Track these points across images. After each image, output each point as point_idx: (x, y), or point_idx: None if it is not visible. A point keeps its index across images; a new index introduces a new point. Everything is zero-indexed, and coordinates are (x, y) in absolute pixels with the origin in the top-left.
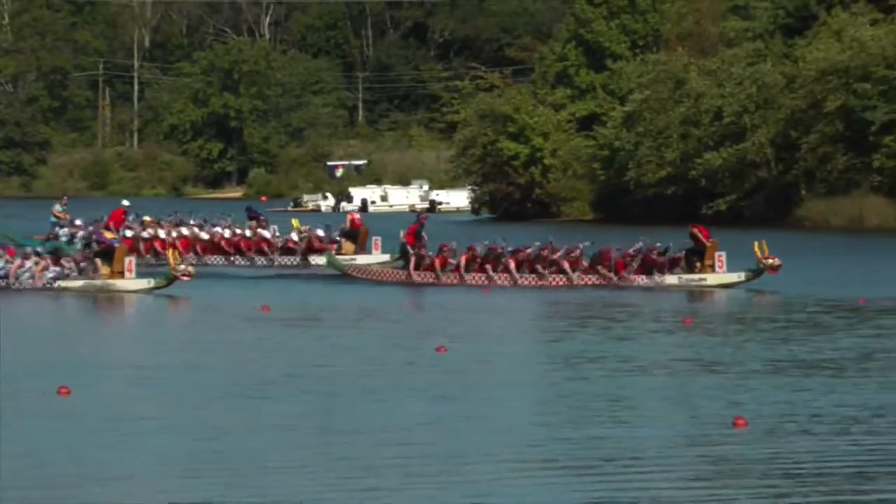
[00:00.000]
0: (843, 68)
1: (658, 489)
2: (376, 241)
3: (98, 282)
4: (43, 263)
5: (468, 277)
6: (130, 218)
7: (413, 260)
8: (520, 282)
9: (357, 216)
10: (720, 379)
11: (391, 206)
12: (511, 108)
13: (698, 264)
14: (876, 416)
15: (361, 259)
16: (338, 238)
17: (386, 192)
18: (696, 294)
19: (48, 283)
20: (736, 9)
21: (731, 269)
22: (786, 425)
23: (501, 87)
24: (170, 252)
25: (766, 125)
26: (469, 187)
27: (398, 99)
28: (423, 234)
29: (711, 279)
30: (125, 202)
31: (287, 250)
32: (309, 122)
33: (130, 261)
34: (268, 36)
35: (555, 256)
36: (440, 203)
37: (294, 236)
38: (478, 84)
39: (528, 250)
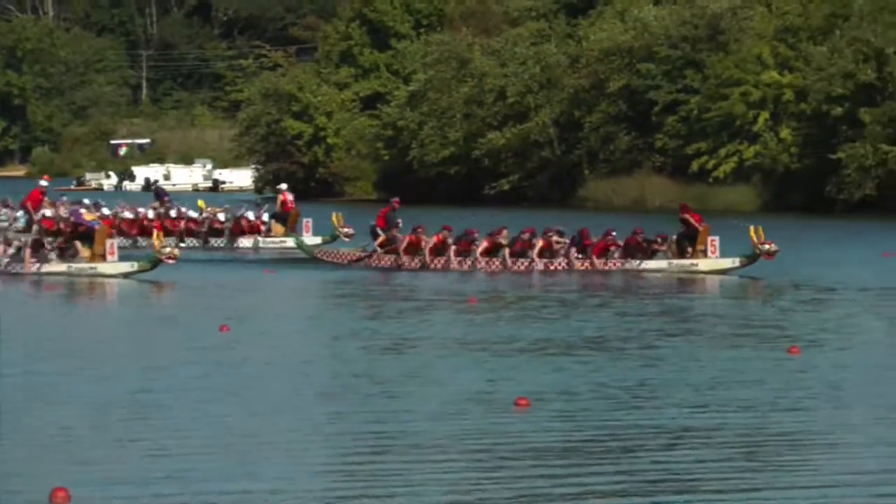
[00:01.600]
0: (626, 48)
1: (441, 474)
2: (307, 223)
3: (78, 265)
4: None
5: (442, 261)
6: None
7: (383, 240)
8: (484, 267)
9: (289, 197)
10: (497, 359)
11: (174, 185)
12: (295, 87)
13: (690, 249)
14: (643, 389)
15: (291, 241)
16: (266, 219)
17: (169, 171)
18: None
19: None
20: None
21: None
22: (567, 403)
23: (285, 66)
24: (154, 234)
25: (549, 105)
26: (252, 166)
27: (182, 77)
28: (398, 219)
29: (703, 264)
30: (43, 182)
31: (214, 231)
32: (92, 100)
33: (112, 244)
34: (51, 13)
35: (534, 241)
36: (223, 182)
37: (221, 216)
38: (262, 63)
39: (503, 233)
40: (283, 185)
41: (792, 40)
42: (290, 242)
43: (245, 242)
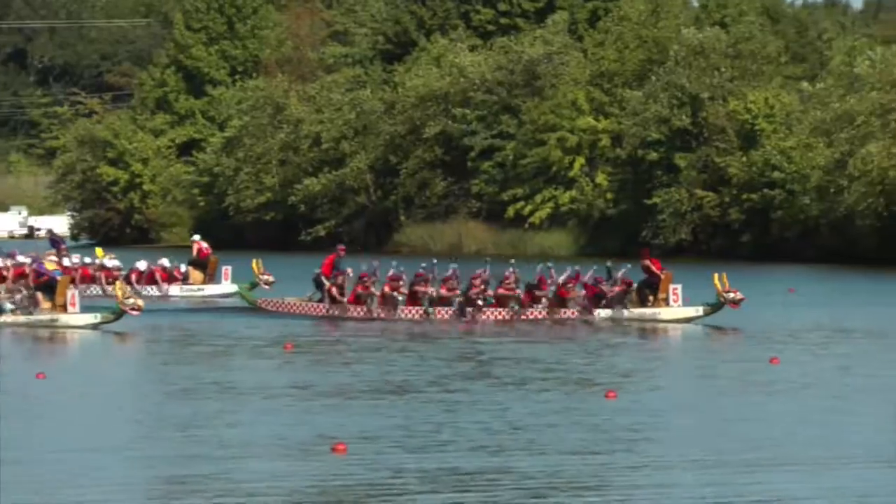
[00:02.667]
0: (442, 94)
1: None
2: (226, 270)
3: (40, 316)
4: None
5: (395, 310)
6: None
7: (334, 290)
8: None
9: (204, 245)
10: (313, 404)
11: None
12: (110, 133)
13: (651, 298)
14: (447, 432)
15: (209, 289)
16: (183, 268)
17: None
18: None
19: None
20: (335, 35)
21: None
22: (384, 447)
23: (101, 112)
24: (117, 284)
25: (365, 151)
26: (68, 213)
27: None
28: (344, 267)
29: (666, 313)
30: None
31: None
32: None
33: (73, 294)
34: None
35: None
36: (38, 229)
37: (141, 266)
38: (77, 110)
39: (451, 275)
40: (197, 236)
41: (607, 86)
42: (209, 290)
43: (152, 291)
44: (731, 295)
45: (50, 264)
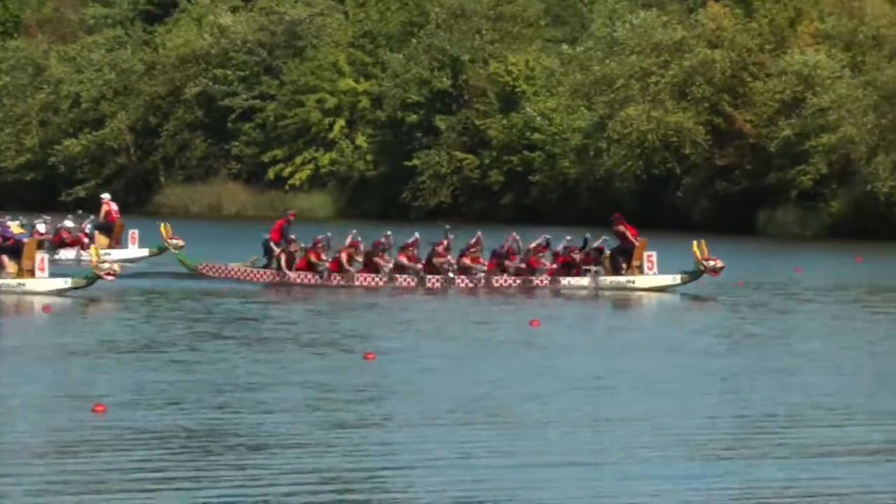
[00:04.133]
0: (203, 55)
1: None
2: (133, 234)
3: (5, 281)
4: None
5: (353, 276)
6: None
7: (283, 257)
8: (402, 283)
9: (113, 207)
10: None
11: None
12: None
13: (624, 265)
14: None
15: (117, 254)
16: (88, 230)
17: None
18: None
19: None
20: None
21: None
22: (143, 404)
23: None
24: (92, 249)
25: (125, 112)
26: None
27: None
28: (290, 231)
29: (641, 281)
30: None
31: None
32: None
33: (42, 258)
34: None
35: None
36: None
37: (41, 228)
38: None
39: (412, 242)
40: (106, 195)
41: (369, 47)
42: (115, 254)
43: (67, 255)
44: (711, 263)
45: (16, 229)
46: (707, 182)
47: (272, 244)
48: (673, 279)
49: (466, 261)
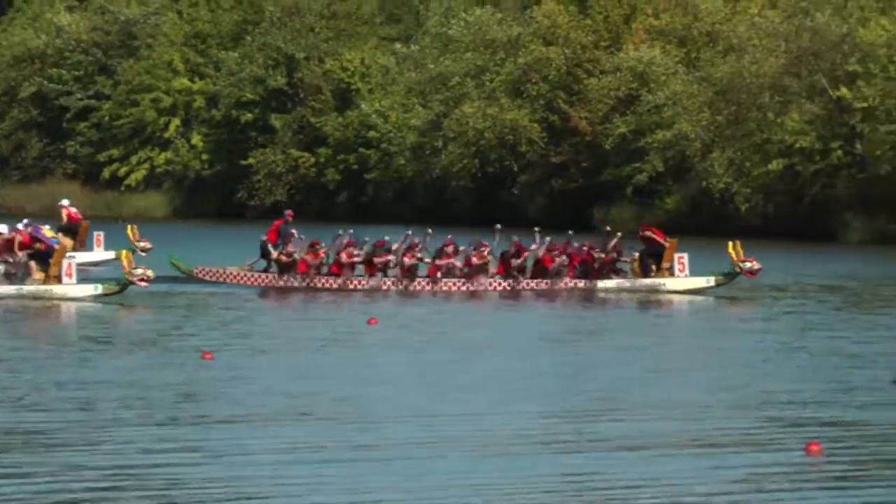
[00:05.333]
0: (38, 54)
1: None
2: (98, 236)
3: (33, 287)
4: None
5: (350, 280)
6: None
7: (283, 260)
8: (411, 287)
9: (73, 210)
10: None
11: None
12: None
13: (654, 267)
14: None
15: (81, 256)
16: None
17: None
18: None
19: None
20: None
21: None
22: None
23: None
24: (123, 254)
25: None
26: None
27: None
28: (292, 232)
29: (672, 284)
30: None
31: None
32: None
33: (70, 264)
34: None
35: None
36: None
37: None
38: None
39: (417, 246)
40: (65, 201)
41: (202, 46)
42: (79, 257)
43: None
44: (748, 265)
45: (48, 231)
46: (543, 179)
47: (269, 246)
48: (706, 281)
49: (475, 260)
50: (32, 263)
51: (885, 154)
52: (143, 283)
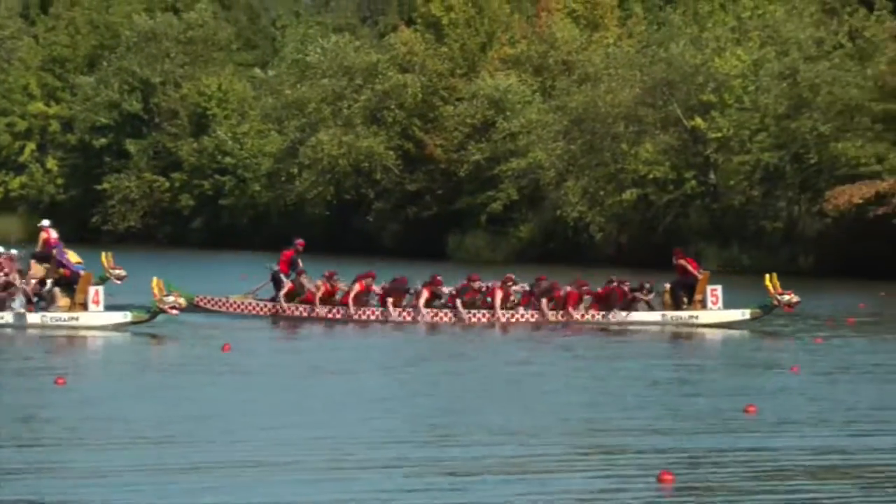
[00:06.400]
0: None
1: None
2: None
3: (59, 315)
4: None
5: (360, 311)
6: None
7: (289, 287)
8: (427, 318)
9: (53, 235)
10: None
11: None
12: None
13: (685, 299)
14: None
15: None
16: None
17: None
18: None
19: None
20: None
21: None
22: None
23: None
24: (154, 281)
25: None
26: None
27: None
28: (300, 261)
29: (705, 317)
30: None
31: None
32: None
33: (97, 290)
34: None
35: (483, 289)
36: None
37: None
38: None
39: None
40: (45, 221)
41: (59, 70)
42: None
43: None
44: (787, 297)
45: (73, 256)
46: (398, 207)
47: (282, 276)
48: (742, 314)
49: (497, 296)
50: (57, 290)
51: (739, 184)
52: (174, 312)
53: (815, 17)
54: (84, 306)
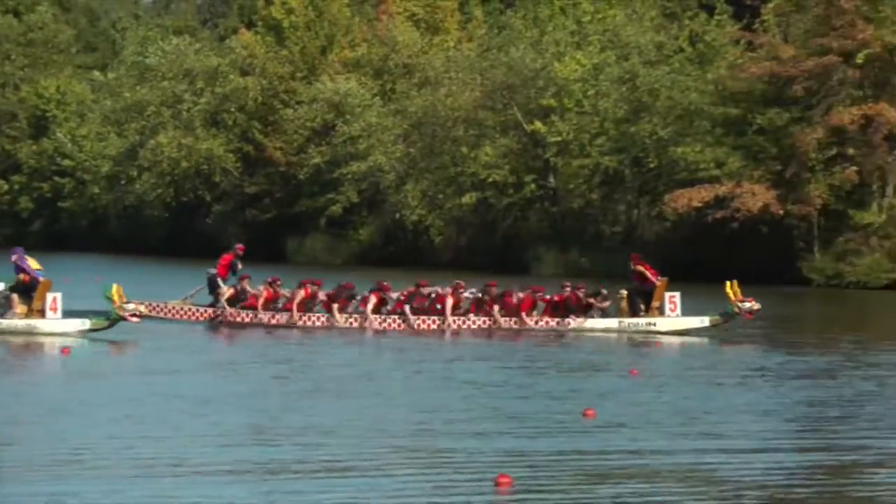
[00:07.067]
0: None
1: None
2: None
3: (15, 322)
4: None
5: (304, 317)
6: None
7: (231, 293)
8: (375, 324)
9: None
10: None
11: None
12: None
13: (643, 306)
14: None
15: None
16: None
17: None
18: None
19: None
20: None
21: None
22: None
23: None
24: (114, 288)
25: None
26: None
27: None
28: (239, 265)
29: (662, 324)
30: None
31: None
32: None
33: (55, 297)
34: None
35: (432, 294)
36: None
37: None
38: None
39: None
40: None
41: None
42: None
43: None
44: (747, 305)
45: (34, 263)
46: (237, 209)
47: (220, 280)
48: (700, 321)
49: (449, 302)
50: (15, 296)
51: (578, 188)
52: (134, 319)
53: (655, 22)
54: (42, 313)
